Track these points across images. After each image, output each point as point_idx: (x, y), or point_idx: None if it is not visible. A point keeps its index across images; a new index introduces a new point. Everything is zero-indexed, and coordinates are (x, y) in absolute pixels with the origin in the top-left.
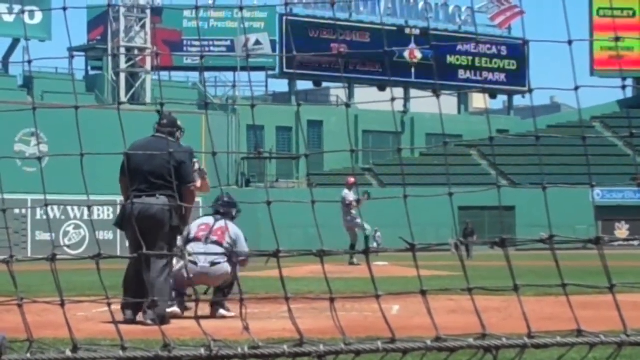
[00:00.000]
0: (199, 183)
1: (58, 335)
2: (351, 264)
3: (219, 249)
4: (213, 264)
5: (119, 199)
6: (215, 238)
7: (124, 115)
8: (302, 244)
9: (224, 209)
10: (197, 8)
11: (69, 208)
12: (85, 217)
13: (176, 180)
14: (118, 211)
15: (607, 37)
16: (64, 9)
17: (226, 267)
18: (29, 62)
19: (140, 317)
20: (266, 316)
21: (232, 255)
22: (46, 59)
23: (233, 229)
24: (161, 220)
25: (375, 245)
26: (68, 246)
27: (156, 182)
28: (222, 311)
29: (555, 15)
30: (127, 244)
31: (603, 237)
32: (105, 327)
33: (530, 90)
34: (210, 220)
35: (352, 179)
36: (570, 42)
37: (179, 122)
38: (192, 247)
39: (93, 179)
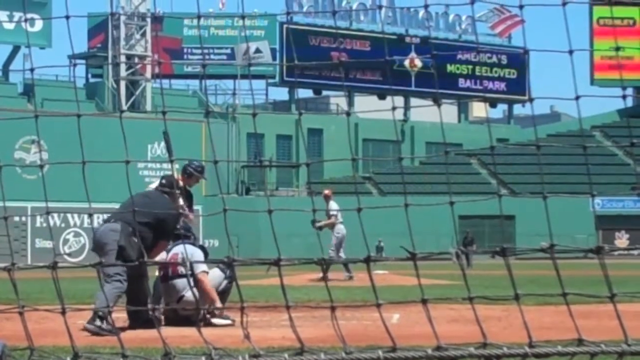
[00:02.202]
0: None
1: (58, 343)
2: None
3: (181, 280)
4: (179, 299)
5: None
6: (170, 272)
7: (124, 123)
8: (302, 252)
9: (187, 232)
10: (198, 17)
11: (69, 216)
12: (85, 224)
13: (154, 236)
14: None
15: (608, 46)
16: (67, 17)
17: (191, 295)
18: (31, 70)
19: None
20: (266, 324)
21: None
22: (47, 67)
23: (183, 251)
24: (100, 241)
25: (381, 254)
26: (68, 254)
27: (120, 213)
28: (214, 320)
29: (555, 24)
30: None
31: (604, 246)
32: (106, 336)
33: (531, 100)
34: (163, 254)
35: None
36: (571, 52)
37: (180, 183)
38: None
39: (94, 187)
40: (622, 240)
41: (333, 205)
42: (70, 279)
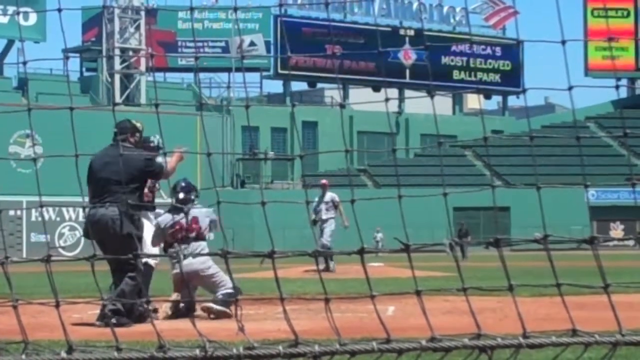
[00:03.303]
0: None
1: (53, 337)
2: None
3: (203, 243)
4: (194, 256)
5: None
6: (194, 234)
7: (119, 117)
8: (297, 245)
9: (183, 195)
10: (192, 9)
11: (64, 209)
12: (81, 218)
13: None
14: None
15: (602, 37)
16: (59, 10)
17: (207, 258)
18: (24, 63)
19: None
20: (261, 317)
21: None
22: (41, 60)
23: (200, 212)
24: (106, 229)
25: (379, 246)
26: (63, 247)
27: (107, 191)
28: (213, 305)
29: (549, 16)
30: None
31: (597, 236)
32: (100, 329)
33: (525, 91)
34: (177, 217)
35: (325, 180)
36: (563, 42)
37: (137, 125)
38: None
39: None
40: (617, 231)
41: (334, 196)
42: (65, 272)
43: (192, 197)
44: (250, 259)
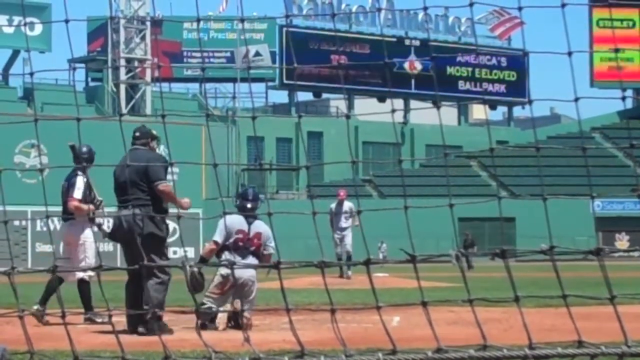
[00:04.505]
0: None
1: (59, 347)
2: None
3: (255, 260)
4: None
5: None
6: (253, 248)
7: (125, 127)
8: (302, 255)
9: (252, 204)
10: (198, 20)
11: None
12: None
13: (147, 184)
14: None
15: (607, 48)
16: (66, 21)
17: (254, 272)
18: (31, 74)
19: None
20: (267, 327)
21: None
22: (46, 71)
23: (265, 230)
24: (130, 230)
25: (381, 257)
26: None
27: (130, 193)
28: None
29: (555, 27)
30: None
31: (603, 248)
32: (105, 339)
33: (530, 102)
34: (244, 225)
35: (342, 192)
36: (570, 54)
37: (153, 132)
38: (230, 256)
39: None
40: (622, 242)
41: (351, 206)
42: (71, 282)
43: (259, 206)
44: (257, 269)
